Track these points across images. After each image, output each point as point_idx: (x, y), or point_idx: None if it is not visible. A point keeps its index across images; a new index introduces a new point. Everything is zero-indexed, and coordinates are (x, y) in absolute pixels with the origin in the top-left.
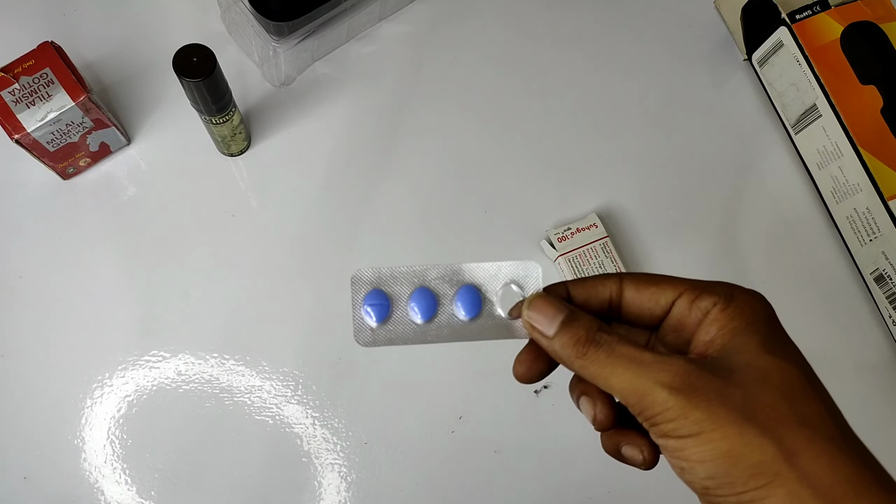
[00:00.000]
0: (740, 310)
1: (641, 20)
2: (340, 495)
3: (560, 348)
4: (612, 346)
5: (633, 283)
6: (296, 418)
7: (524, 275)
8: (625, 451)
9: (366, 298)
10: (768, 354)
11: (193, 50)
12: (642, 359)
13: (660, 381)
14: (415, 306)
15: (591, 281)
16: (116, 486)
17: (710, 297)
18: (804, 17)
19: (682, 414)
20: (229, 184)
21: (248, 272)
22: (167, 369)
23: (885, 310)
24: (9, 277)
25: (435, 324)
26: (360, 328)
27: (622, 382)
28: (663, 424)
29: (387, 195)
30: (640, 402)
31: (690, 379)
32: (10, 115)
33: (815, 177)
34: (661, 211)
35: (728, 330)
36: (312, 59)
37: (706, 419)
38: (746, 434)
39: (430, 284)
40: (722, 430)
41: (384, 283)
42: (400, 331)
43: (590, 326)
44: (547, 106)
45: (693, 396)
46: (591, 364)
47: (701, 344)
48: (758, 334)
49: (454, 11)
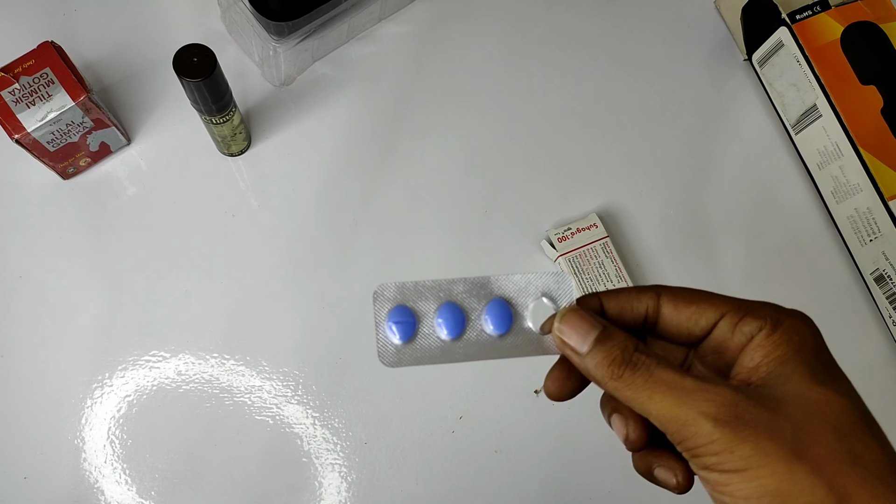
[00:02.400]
0: (787, 335)
1: (641, 20)
2: (340, 495)
3: (593, 368)
4: (650, 370)
5: (671, 300)
6: (296, 418)
7: (557, 287)
8: (657, 474)
9: (390, 315)
10: (818, 385)
11: (193, 50)
12: (684, 385)
13: (703, 411)
14: (442, 322)
15: (626, 294)
16: (116, 486)
17: (754, 321)
18: (804, 18)
19: (727, 448)
20: (229, 184)
21: (248, 272)
22: (167, 369)
23: (885, 310)
24: (9, 277)
25: (463, 341)
26: (385, 348)
27: (661, 410)
28: (706, 457)
29: (387, 195)
30: (681, 431)
31: (737, 410)
32: (10, 115)
33: (816, 177)
34: (661, 211)
35: (774, 357)
36: (312, 59)
37: (754, 455)
38: (796, 472)
39: (457, 299)
40: (770, 466)
41: (408, 299)
42: (426, 349)
43: (626, 346)
44: (547, 106)
45: (740, 430)
46: (626, 387)
47: (744, 370)
48: (806, 363)
49: (454, 11)
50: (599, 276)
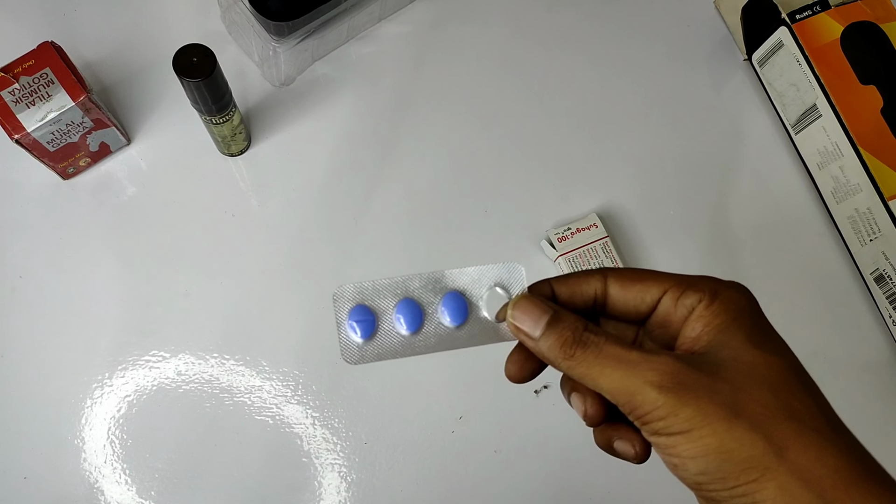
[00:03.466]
0: (725, 305)
1: (641, 20)
2: (340, 495)
3: (547, 350)
4: (599, 347)
5: (617, 281)
6: (296, 418)
7: (508, 277)
8: (617, 446)
9: (350, 315)
10: (755, 348)
11: (193, 50)
12: (630, 358)
13: (648, 380)
14: (400, 318)
15: (575, 278)
16: (116, 486)
17: (694, 294)
18: (804, 17)
19: (672, 412)
20: (229, 184)
21: (248, 272)
22: (167, 369)
23: (885, 310)
24: (9, 277)
25: (422, 334)
26: (347, 346)
27: (611, 383)
28: (654, 423)
29: (387, 195)
30: (630, 401)
31: (679, 377)
32: (10, 115)
33: (815, 177)
34: (661, 211)
35: (713, 326)
36: (312, 59)
37: (696, 416)
38: (736, 429)
39: (414, 294)
40: (711, 426)
41: (367, 298)
42: (387, 345)
43: (576, 327)
44: (547, 106)
45: (682, 394)
46: (578, 365)
47: (687, 340)
48: (743, 329)
49: (454, 11)
50: None
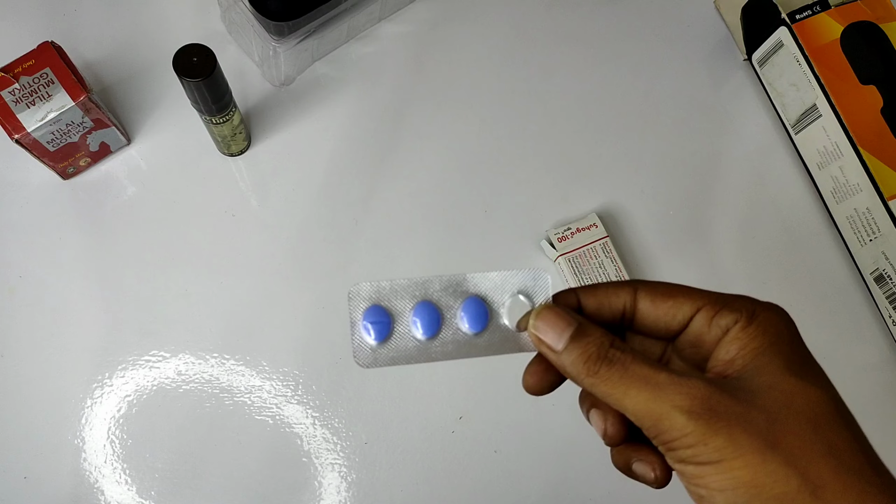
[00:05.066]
0: (763, 328)
1: (641, 20)
2: (340, 495)
3: (570, 365)
4: (625, 365)
5: (648, 295)
6: (296, 418)
7: (533, 284)
8: (636, 468)
9: (365, 315)
10: (793, 377)
11: (193, 50)
12: (658, 380)
13: (677, 404)
14: (417, 322)
15: (604, 289)
16: (116, 486)
17: (730, 314)
18: (804, 17)
19: (701, 440)
20: (229, 184)
21: (249, 272)
22: (167, 369)
23: (885, 310)
24: (8, 277)
25: (439, 340)
26: (360, 348)
27: (637, 404)
28: (681, 450)
29: (387, 195)
30: (656, 425)
31: (710, 403)
32: (10, 114)
33: (815, 177)
34: (661, 211)
35: (750, 350)
36: (312, 59)
37: (727, 446)
38: (770, 463)
39: (433, 297)
40: (744, 458)
41: (384, 299)
42: (402, 349)
43: (601, 342)
44: (547, 106)
45: (713, 422)
46: (602, 383)
47: (720, 363)
48: (781, 355)
49: (454, 11)
50: (599, 276)
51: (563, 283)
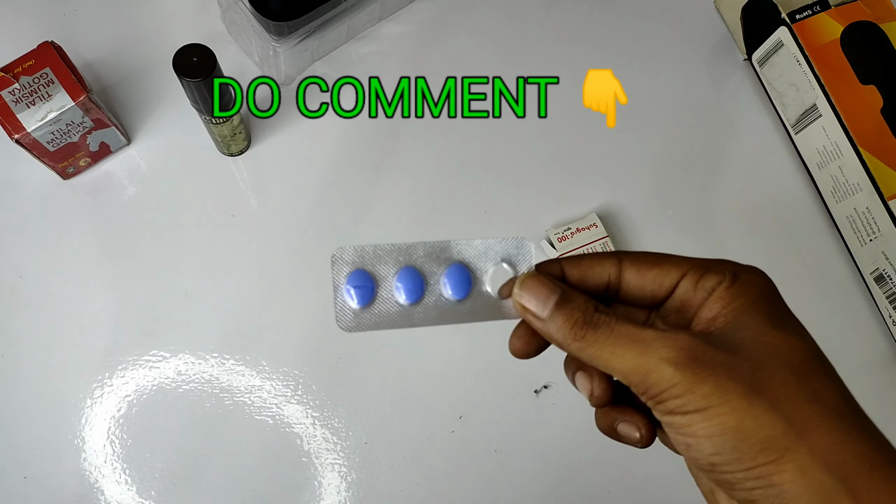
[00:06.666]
0: (745, 288)
1: (641, 20)
2: (340, 495)
3: (555, 331)
4: (610, 327)
5: (633, 265)
6: (296, 418)
7: (516, 253)
8: (621, 429)
9: (348, 279)
10: (775, 329)
11: (193, 50)
12: (644, 336)
13: (664, 357)
14: (400, 287)
15: (588, 260)
16: (116, 486)
17: (714, 276)
18: (804, 17)
19: (689, 389)
20: (229, 184)
21: (249, 272)
22: (167, 369)
23: (885, 310)
24: (9, 277)
25: (422, 305)
26: (343, 312)
27: (624, 363)
28: (669, 401)
29: (386, 195)
30: (644, 380)
31: (696, 353)
32: (10, 114)
33: (815, 177)
34: (661, 211)
35: (732, 308)
36: (312, 59)
37: (714, 393)
38: (755, 408)
39: (417, 263)
40: (730, 403)
41: (367, 263)
42: (385, 314)
43: (586, 307)
44: (547, 105)
45: (700, 371)
46: (589, 346)
47: (703, 321)
48: (763, 311)
49: (454, 11)
50: None
51: None
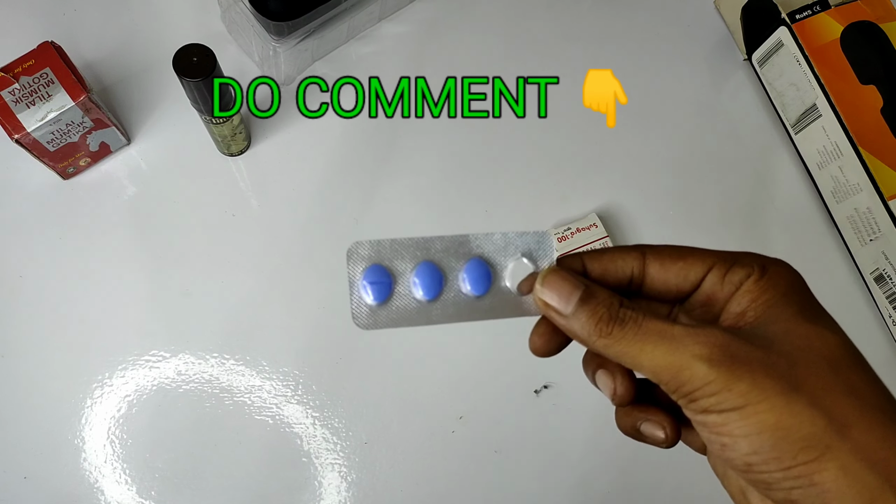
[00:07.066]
0: (774, 280)
1: (641, 20)
2: (340, 495)
3: (579, 328)
4: (638, 323)
5: (657, 258)
6: (296, 418)
7: (537, 248)
8: (644, 429)
9: (364, 275)
10: (807, 323)
11: (193, 50)
12: (674, 332)
13: (696, 354)
14: (418, 282)
15: (610, 254)
16: (116, 486)
17: (741, 269)
18: (804, 17)
19: (724, 386)
20: (229, 184)
21: (249, 272)
22: (167, 369)
23: (885, 310)
24: (9, 277)
25: (440, 302)
26: (359, 309)
27: (654, 360)
28: (703, 399)
29: (387, 195)
30: (676, 378)
31: (730, 349)
32: (10, 114)
33: (815, 177)
34: (661, 211)
35: (762, 301)
36: (312, 58)
37: (751, 391)
38: (795, 405)
39: (435, 258)
40: (769, 401)
41: (384, 258)
42: (402, 311)
43: (611, 303)
44: (547, 105)
45: (735, 368)
46: (616, 343)
47: (732, 316)
48: (794, 304)
49: (454, 11)
50: None
51: None
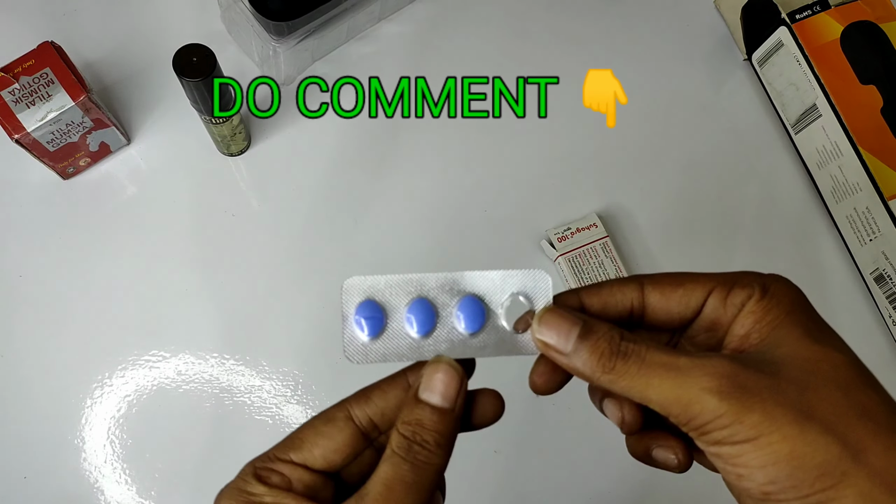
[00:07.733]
0: (776, 300)
1: (641, 20)
2: None
3: (582, 365)
4: (641, 356)
5: (656, 288)
6: (296, 418)
7: (533, 286)
8: (656, 455)
9: (358, 310)
10: (814, 344)
11: (193, 50)
12: (679, 365)
13: (705, 386)
14: (412, 318)
15: (608, 288)
16: (116, 486)
17: (743, 290)
18: (804, 17)
19: (736, 419)
20: (229, 184)
21: (249, 272)
22: (167, 369)
23: (885, 310)
24: (8, 277)
25: (433, 338)
26: (351, 342)
27: (661, 394)
28: (715, 433)
29: (387, 195)
30: (686, 411)
31: (739, 380)
32: (10, 114)
33: (815, 176)
34: (661, 211)
35: (766, 322)
36: (312, 58)
37: (763, 421)
38: (808, 433)
39: (429, 295)
40: (781, 431)
41: (378, 294)
42: (394, 346)
43: (611, 336)
44: (547, 105)
45: (745, 399)
46: (621, 378)
47: (736, 338)
48: (799, 324)
49: (454, 11)
50: (599, 275)
51: (562, 282)
